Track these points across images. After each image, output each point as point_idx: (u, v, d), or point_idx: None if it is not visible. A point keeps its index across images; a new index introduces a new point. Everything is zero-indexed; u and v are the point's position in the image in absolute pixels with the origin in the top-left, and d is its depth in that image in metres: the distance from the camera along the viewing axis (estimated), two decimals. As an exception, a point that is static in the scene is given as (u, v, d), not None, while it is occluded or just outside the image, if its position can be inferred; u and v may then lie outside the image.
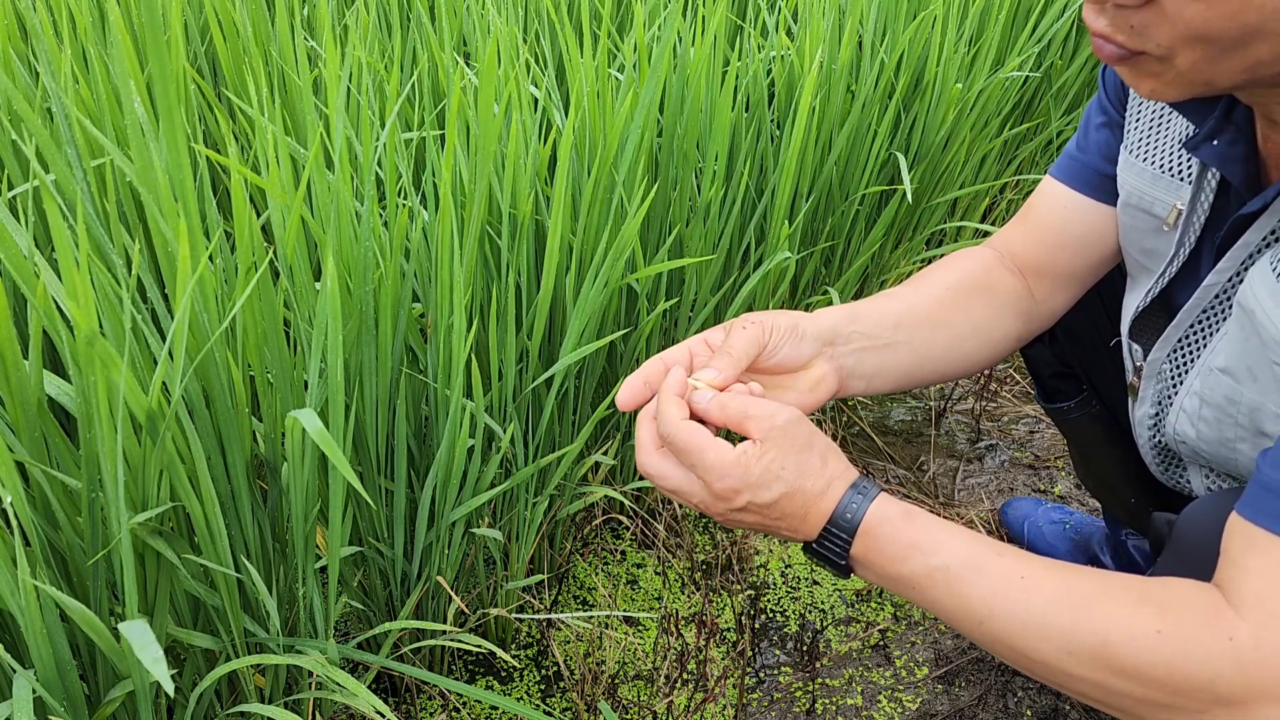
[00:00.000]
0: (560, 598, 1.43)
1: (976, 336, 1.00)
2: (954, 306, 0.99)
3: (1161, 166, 0.90)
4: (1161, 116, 0.92)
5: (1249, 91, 0.73)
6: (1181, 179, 0.88)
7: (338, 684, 0.90)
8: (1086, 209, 1.01)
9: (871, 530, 0.75)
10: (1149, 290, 0.92)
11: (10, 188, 1.10)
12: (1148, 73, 0.69)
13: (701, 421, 0.80)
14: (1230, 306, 0.82)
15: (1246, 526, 0.67)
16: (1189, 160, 0.88)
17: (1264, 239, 0.78)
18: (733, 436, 0.79)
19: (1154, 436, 0.98)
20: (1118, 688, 0.67)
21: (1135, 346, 0.96)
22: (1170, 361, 0.90)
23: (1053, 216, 1.03)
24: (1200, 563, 0.70)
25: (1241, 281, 0.80)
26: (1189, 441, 0.89)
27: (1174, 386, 0.91)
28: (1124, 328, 0.98)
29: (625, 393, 0.82)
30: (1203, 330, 0.86)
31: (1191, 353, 0.88)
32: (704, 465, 0.75)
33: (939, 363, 0.98)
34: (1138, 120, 0.94)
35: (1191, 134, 0.83)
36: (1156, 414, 0.95)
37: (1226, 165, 0.81)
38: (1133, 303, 0.97)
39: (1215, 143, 0.81)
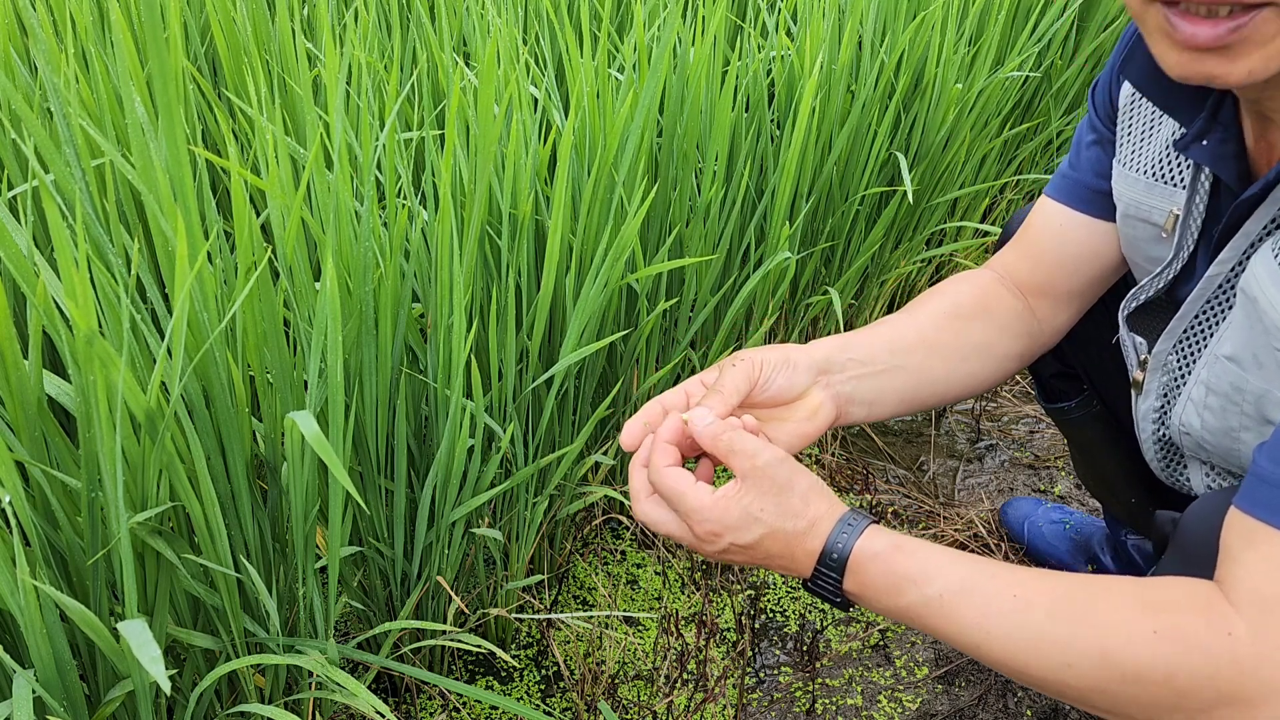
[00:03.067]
0: (560, 598, 1.43)
1: (976, 358, 1.01)
2: (950, 330, 0.99)
3: (1153, 174, 0.91)
4: (1151, 125, 0.92)
5: (1264, 87, 0.73)
6: (1175, 185, 0.89)
7: (338, 684, 0.90)
8: (1082, 226, 1.01)
9: (862, 566, 0.76)
10: (1142, 289, 0.92)
11: (10, 188, 1.10)
12: (1260, 38, 0.65)
13: (700, 453, 0.82)
14: (1234, 295, 0.82)
15: (1243, 520, 0.67)
16: (1181, 166, 0.88)
17: (1264, 227, 0.78)
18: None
19: (1158, 430, 0.98)
20: (1121, 693, 0.67)
21: (1139, 340, 0.95)
22: (1176, 353, 0.90)
23: (1049, 234, 1.03)
24: (1205, 561, 0.70)
25: (1244, 270, 0.80)
26: (1193, 433, 0.89)
27: (1181, 378, 0.91)
28: (1120, 318, 0.98)
29: (627, 435, 0.84)
30: (1208, 320, 0.86)
31: (1198, 343, 0.88)
32: (685, 509, 0.77)
33: (939, 385, 0.98)
34: (1129, 133, 0.95)
35: (1180, 135, 0.83)
36: (1161, 407, 0.95)
37: (1218, 164, 0.81)
38: (1130, 300, 0.97)
39: (1205, 142, 0.81)
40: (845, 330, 1.08)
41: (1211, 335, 0.86)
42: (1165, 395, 0.94)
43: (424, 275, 1.10)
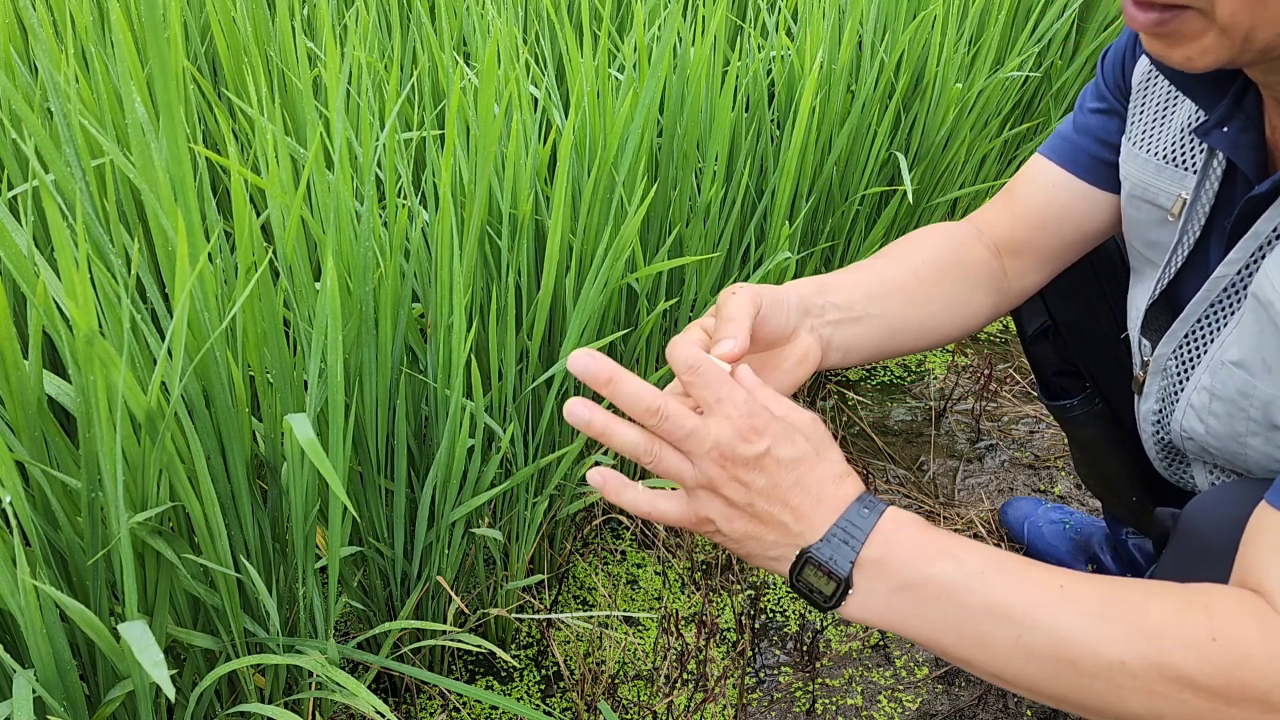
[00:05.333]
0: (560, 598, 1.43)
1: (949, 311, 1.00)
2: (928, 281, 0.98)
3: (1165, 157, 0.90)
4: (1166, 106, 0.91)
5: (1268, 70, 0.72)
6: (1186, 169, 0.88)
7: (338, 684, 0.90)
8: (1072, 189, 1.00)
9: (889, 531, 0.69)
10: (1158, 282, 0.92)
11: (10, 188, 1.10)
12: (1188, 33, 0.68)
13: None
14: (1240, 299, 0.81)
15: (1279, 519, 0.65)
16: (1194, 150, 0.87)
17: (1274, 229, 0.77)
18: None
19: (1158, 433, 0.97)
20: (1173, 697, 0.64)
21: (1145, 342, 0.95)
22: (1175, 358, 0.90)
23: (1034, 193, 1.03)
24: (1208, 557, 0.69)
25: (1252, 273, 0.79)
26: (1197, 437, 0.88)
27: (1180, 382, 0.90)
28: (1134, 323, 0.97)
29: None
30: (1211, 324, 0.85)
31: (1198, 347, 0.87)
32: (733, 399, 0.68)
33: (912, 334, 0.97)
34: (1142, 111, 0.93)
35: (1201, 120, 0.82)
36: (1160, 410, 0.95)
37: (1237, 152, 0.80)
38: (1140, 297, 0.96)
39: (1226, 129, 0.80)
40: None
41: (1214, 339, 0.84)
42: (1164, 399, 0.93)
43: (424, 275, 1.10)
